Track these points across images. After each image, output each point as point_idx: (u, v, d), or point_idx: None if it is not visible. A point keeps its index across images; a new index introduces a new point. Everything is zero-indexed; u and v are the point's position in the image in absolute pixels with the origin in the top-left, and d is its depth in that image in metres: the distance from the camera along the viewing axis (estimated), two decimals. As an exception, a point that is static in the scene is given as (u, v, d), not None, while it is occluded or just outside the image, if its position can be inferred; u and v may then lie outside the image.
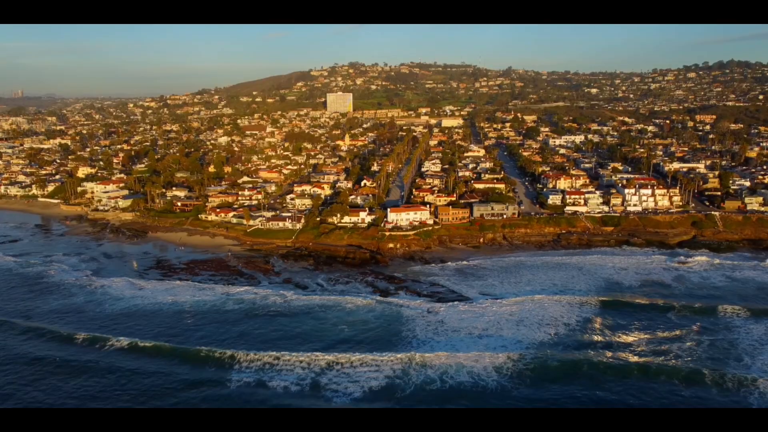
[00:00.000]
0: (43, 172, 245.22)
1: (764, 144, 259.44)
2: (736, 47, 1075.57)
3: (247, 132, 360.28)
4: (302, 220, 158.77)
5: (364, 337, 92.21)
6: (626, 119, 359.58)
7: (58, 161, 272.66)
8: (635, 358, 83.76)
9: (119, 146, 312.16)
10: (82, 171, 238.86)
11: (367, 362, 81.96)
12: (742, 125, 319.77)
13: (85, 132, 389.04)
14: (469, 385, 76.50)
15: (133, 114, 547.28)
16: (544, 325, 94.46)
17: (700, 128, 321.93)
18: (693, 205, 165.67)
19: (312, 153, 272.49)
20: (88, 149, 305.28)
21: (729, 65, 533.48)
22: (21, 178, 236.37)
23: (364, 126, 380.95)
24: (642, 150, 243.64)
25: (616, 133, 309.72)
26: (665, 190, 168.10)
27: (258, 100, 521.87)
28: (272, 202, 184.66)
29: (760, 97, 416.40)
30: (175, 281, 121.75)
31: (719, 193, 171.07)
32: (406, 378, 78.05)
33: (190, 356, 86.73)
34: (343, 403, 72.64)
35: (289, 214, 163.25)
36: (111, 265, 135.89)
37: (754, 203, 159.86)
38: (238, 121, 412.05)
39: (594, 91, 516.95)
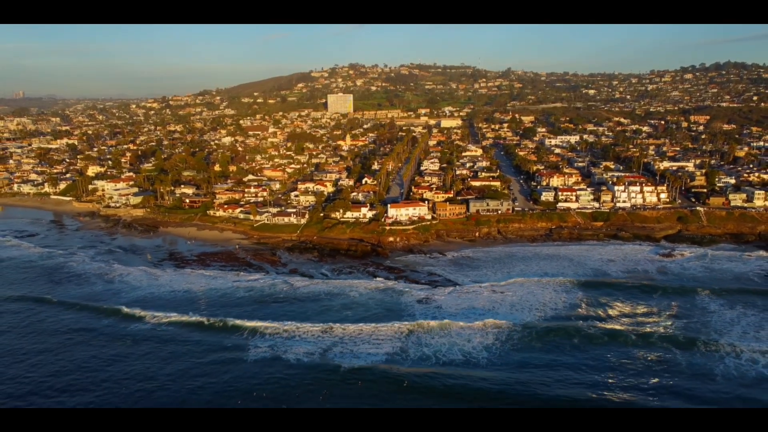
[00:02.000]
0: (54, 170, 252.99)
1: (754, 144, 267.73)
2: (733, 48, 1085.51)
3: (250, 132, 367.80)
4: (306, 216, 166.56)
5: (366, 318, 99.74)
6: (622, 120, 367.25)
7: (68, 160, 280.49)
8: (615, 326, 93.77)
9: (125, 146, 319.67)
10: (92, 170, 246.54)
11: (369, 340, 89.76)
12: (734, 126, 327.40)
13: (90, 132, 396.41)
14: (461, 354, 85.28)
15: (136, 115, 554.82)
16: (534, 305, 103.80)
17: (694, 128, 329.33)
18: (680, 201, 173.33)
19: (314, 153, 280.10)
20: (95, 149, 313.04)
21: (725, 66, 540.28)
22: (33, 176, 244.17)
23: (365, 126, 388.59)
24: (635, 149, 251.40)
25: (611, 134, 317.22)
26: (653, 187, 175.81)
27: (259, 101, 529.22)
28: (279, 197, 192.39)
29: (755, 98, 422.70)
30: (187, 271, 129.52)
31: (705, 190, 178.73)
32: (404, 355, 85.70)
33: (214, 328, 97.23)
34: (348, 369, 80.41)
35: (294, 210, 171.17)
36: (126, 257, 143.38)
37: (737, 199, 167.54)
38: (240, 121, 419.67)
39: (592, 92, 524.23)
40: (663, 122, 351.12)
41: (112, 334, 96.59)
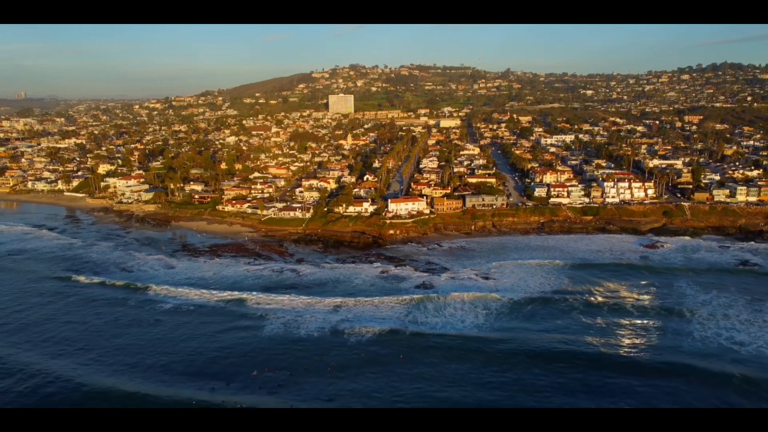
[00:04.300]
0: (66, 168, 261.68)
1: (744, 143, 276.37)
2: (731, 49, 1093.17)
3: (253, 132, 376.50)
4: (311, 210, 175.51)
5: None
6: (617, 120, 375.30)
7: (78, 159, 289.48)
8: (597, 299, 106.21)
9: (132, 145, 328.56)
10: (102, 168, 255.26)
11: (373, 318, 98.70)
12: (727, 125, 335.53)
13: (96, 132, 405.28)
14: (457, 324, 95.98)
15: (139, 115, 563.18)
16: (525, 285, 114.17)
17: (687, 128, 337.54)
18: (666, 196, 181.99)
19: (316, 152, 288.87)
20: (103, 148, 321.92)
21: (722, 67, 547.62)
22: (46, 174, 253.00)
23: (365, 126, 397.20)
24: (627, 148, 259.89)
25: (606, 133, 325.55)
26: (641, 184, 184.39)
27: (261, 101, 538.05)
28: (284, 193, 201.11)
29: (749, 98, 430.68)
30: (201, 260, 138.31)
31: (691, 186, 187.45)
32: (404, 328, 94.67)
33: (231, 308, 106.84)
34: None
35: (299, 205, 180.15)
36: (142, 248, 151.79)
37: (721, 195, 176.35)
38: (243, 121, 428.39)
39: (589, 92, 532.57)
40: (657, 122, 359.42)
41: (136, 307, 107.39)
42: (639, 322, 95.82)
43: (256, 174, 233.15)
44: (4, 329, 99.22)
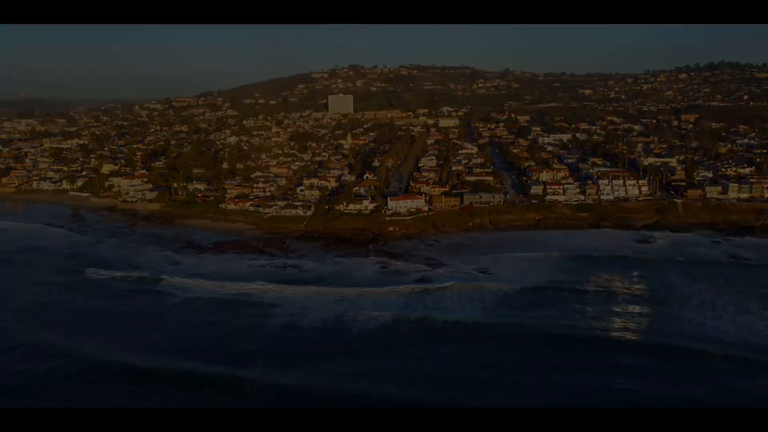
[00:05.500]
0: (71, 168, 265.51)
1: (739, 141, 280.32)
2: (729, 49, 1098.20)
3: (254, 132, 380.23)
4: (312, 208, 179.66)
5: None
6: (615, 119, 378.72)
7: (81, 159, 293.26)
8: (590, 288, 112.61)
9: (135, 146, 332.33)
10: (106, 168, 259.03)
11: (374, 310, 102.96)
12: (723, 124, 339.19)
13: (98, 133, 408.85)
14: (456, 312, 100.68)
15: (140, 116, 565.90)
16: (521, 278, 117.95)
17: (684, 127, 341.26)
18: (660, 194, 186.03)
19: (317, 151, 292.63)
20: (106, 148, 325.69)
21: (719, 66, 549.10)
22: (50, 174, 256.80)
23: (365, 126, 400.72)
24: (623, 146, 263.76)
25: (603, 132, 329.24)
26: (635, 181, 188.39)
27: (261, 102, 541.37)
28: (286, 192, 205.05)
29: (745, 97, 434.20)
30: (206, 257, 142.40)
31: (684, 183, 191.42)
32: (406, 318, 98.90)
33: (237, 301, 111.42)
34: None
35: (301, 203, 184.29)
36: (148, 245, 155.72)
37: (713, 192, 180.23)
38: (244, 122, 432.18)
39: (587, 92, 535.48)
40: (654, 121, 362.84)
41: (147, 299, 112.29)
42: (630, 309, 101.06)
43: (258, 173, 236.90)
44: (27, 320, 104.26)
